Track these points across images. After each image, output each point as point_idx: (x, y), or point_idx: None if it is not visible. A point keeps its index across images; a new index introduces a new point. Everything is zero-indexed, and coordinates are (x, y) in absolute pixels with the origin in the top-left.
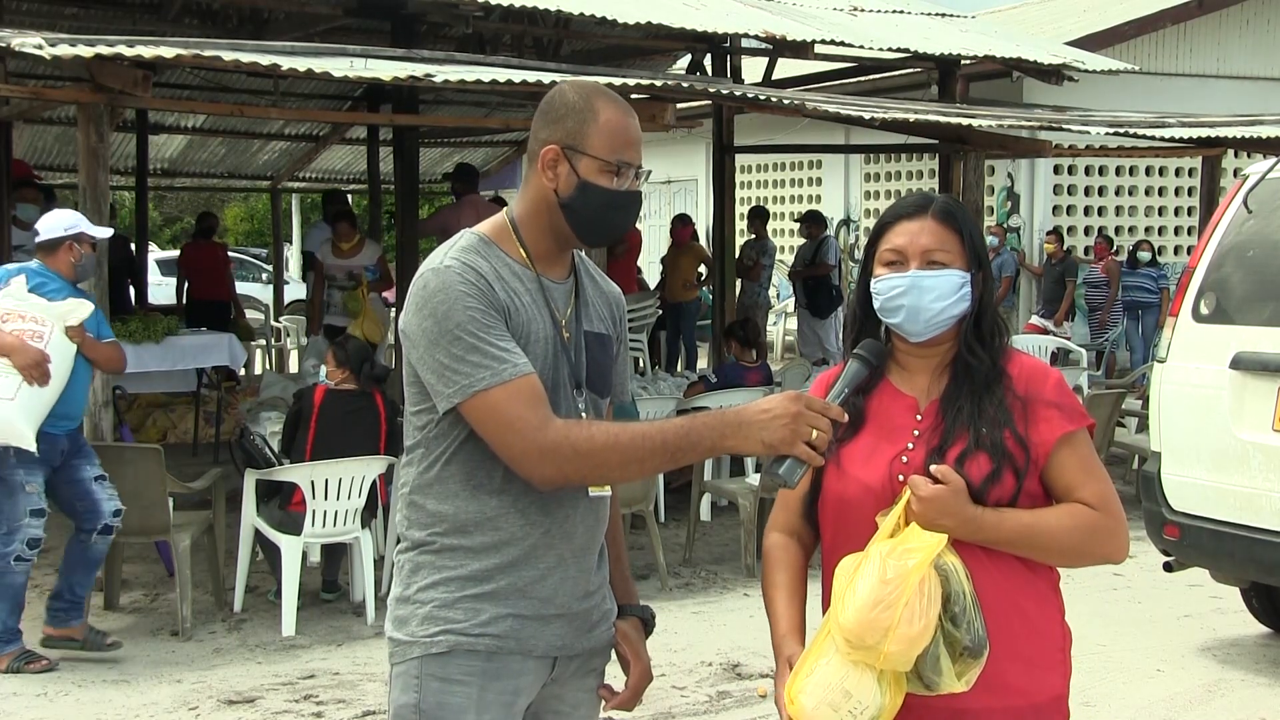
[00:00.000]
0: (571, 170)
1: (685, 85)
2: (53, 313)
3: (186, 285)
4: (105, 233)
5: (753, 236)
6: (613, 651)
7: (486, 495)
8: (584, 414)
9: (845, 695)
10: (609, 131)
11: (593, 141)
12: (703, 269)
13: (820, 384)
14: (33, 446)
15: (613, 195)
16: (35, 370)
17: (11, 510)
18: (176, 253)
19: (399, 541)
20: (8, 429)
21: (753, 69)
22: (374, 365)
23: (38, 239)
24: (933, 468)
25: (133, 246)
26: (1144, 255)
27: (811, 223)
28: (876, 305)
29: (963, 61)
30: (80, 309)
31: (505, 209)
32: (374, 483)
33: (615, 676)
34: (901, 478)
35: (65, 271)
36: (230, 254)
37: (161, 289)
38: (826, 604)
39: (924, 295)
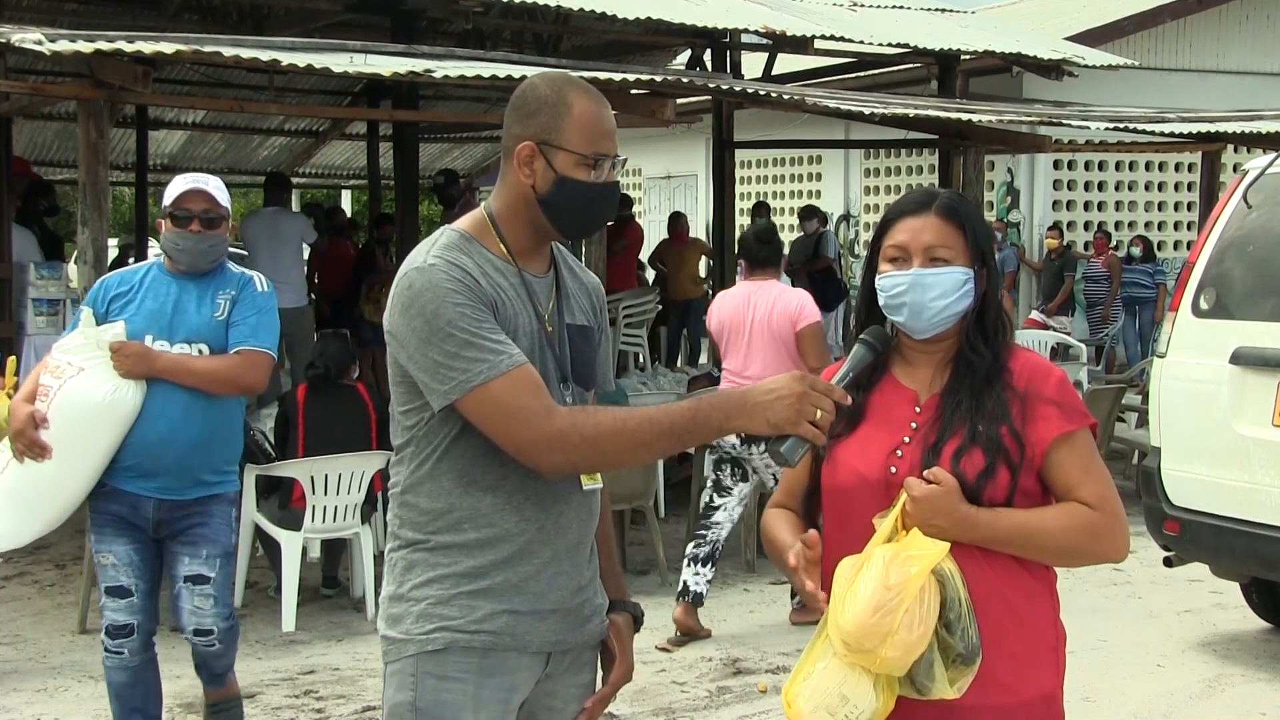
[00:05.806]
0: (548, 166)
1: (685, 80)
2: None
3: (318, 280)
4: (185, 185)
5: None
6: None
7: (480, 492)
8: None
9: (842, 699)
10: (583, 124)
11: (568, 135)
12: (703, 265)
13: (828, 374)
14: (10, 546)
15: (591, 188)
16: (19, 441)
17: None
18: None
19: (392, 539)
20: None
21: (752, 64)
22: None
23: None
24: (926, 471)
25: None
26: (1135, 251)
27: (810, 217)
28: (881, 302)
29: (962, 57)
30: (109, 331)
31: (484, 204)
32: (373, 478)
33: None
34: (894, 470)
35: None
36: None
37: None
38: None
39: (925, 293)
